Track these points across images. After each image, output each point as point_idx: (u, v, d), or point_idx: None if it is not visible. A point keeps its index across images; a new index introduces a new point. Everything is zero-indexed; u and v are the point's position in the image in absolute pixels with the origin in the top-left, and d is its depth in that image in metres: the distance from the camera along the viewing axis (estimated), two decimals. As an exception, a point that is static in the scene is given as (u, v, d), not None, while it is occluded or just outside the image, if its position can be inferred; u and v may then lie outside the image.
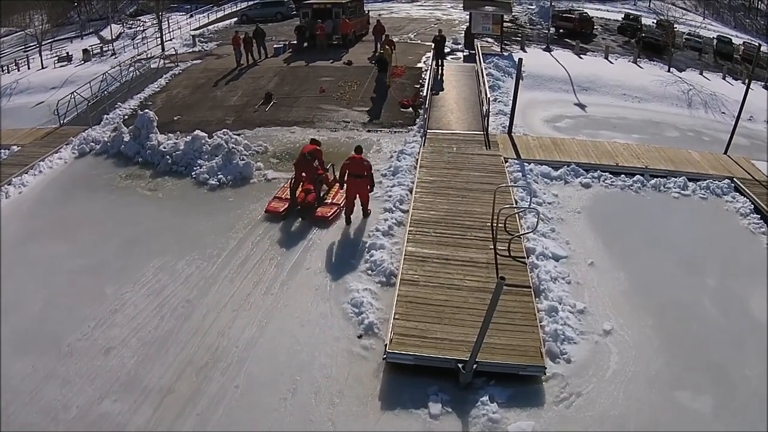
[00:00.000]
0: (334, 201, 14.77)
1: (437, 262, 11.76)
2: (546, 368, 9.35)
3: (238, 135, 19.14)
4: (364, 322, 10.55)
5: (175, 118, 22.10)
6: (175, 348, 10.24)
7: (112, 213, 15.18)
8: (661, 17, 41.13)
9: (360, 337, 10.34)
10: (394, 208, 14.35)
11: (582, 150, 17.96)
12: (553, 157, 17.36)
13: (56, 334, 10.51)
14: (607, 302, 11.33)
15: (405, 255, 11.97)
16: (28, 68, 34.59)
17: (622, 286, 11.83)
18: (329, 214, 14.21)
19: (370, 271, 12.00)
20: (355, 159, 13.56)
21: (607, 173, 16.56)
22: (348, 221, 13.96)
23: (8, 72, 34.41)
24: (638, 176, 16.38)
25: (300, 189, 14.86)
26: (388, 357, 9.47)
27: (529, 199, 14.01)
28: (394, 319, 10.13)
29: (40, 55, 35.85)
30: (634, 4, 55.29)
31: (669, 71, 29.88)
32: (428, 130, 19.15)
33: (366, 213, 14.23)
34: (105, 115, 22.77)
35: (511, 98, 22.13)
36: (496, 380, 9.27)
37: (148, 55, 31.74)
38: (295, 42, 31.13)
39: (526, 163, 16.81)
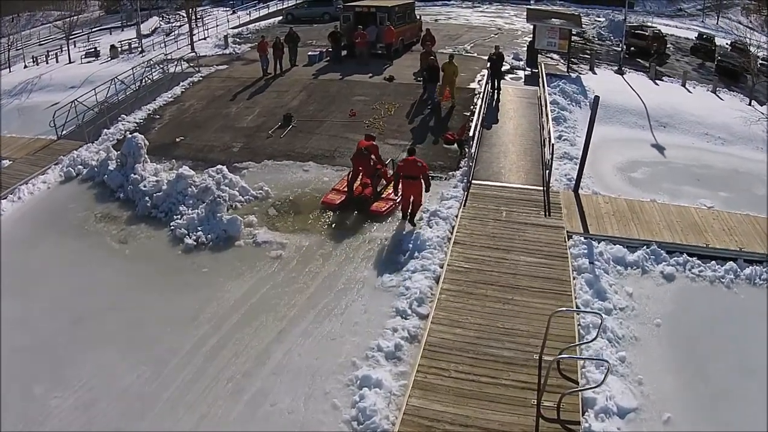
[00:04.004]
0: (390, 196, 14.71)
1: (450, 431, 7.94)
2: None
3: (242, 169, 16.50)
4: None
5: (178, 140, 19.23)
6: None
7: (72, 270, 12.85)
8: (737, 38, 35.80)
9: None
10: (409, 312, 10.57)
11: (664, 220, 14.07)
12: (629, 231, 13.53)
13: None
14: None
15: (404, 414, 8.14)
16: (57, 61, 33.01)
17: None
18: (384, 209, 14.41)
19: (355, 423, 8.33)
20: (409, 161, 13.45)
21: (694, 257, 12.71)
22: (404, 216, 13.91)
23: (37, 64, 32.82)
24: (731, 262, 12.56)
25: (357, 182, 14.98)
26: None
27: (598, 327, 9.69)
28: None
29: (68, 47, 33.90)
30: (702, 21, 50.33)
31: (750, 104, 25.26)
32: (473, 181, 15.54)
33: (413, 217, 13.86)
34: (105, 129, 20.09)
35: (579, 134, 18.49)
36: None
37: (171, 56, 28.77)
38: (331, 50, 27.53)
39: (594, 242, 12.99)
